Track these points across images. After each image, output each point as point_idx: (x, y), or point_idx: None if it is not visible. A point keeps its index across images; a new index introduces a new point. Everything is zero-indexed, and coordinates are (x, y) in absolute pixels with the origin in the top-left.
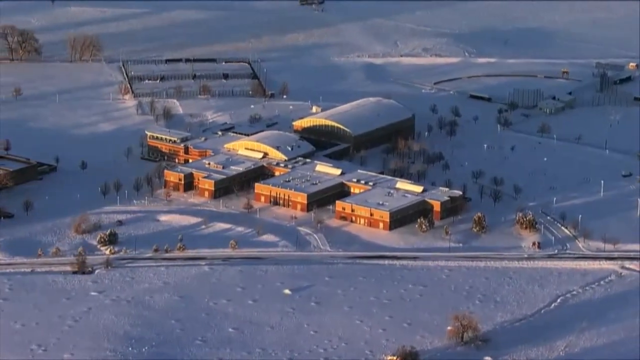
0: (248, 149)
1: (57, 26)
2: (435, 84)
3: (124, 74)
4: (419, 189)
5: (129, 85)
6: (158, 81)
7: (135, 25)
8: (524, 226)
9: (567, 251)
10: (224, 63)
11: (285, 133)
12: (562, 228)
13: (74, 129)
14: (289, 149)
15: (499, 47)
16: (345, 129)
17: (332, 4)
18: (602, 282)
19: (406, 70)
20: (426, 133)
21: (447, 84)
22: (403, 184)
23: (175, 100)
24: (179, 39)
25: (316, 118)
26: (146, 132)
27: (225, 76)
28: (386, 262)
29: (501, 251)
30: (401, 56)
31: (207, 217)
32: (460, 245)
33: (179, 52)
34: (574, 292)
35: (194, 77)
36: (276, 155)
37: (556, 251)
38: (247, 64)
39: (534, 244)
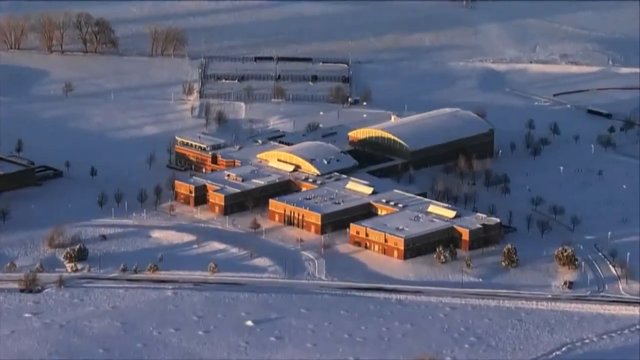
0: (280, 161)
1: (158, 17)
2: (554, 95)
3: (201, 71)
4: (451, 214)
5: (198, 84)
6: (236, 81)
7: (246, 17)
8: (562, 262)
9: (602, 293)
10: (320, 64)
11: (328, 145)
12: (610, 266)
13: (114, 131)
14: (325, 162)
15: None
16: (403, 142)
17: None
18: (625, 331)
19: (531, 79)
20: (500, 151)
21: (569, 96)
22: (435, 208)
23: (242, 103)
24: (287, 35)
25: (374, 129)
26: (176, 137)
27: (314, 78)
28: (381, 295)
29: (525, 289)
30: (530, 62)
31: (201, 235)
32: (480, 280)
33: (281, 49)
34: (587, 341)
35: (278, 77)
36: (309, 169)
37: (588, 293)
38: (346, 66)
39: (565, 283)
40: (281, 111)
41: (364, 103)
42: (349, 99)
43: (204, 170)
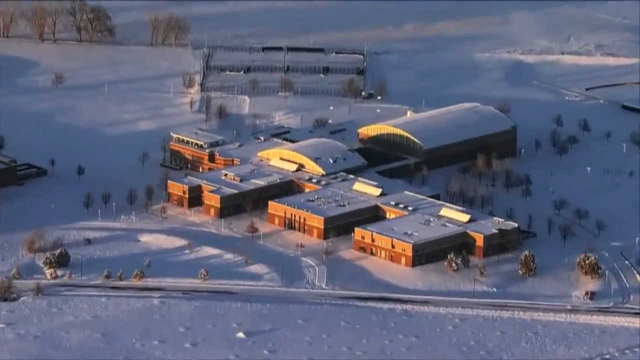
0: (283, 160)
1: (159, 4)
2: (586, 89)
3: (204, 62)
4: (465, 217)
5: (200, 76)
6: (242, 73)
7: (255, 4)
8: (584, 271)
9: (626, 305)
10: (333, 54)
11: (335, 142)
12: (637, 275)
13: (106, 127)
14: (331, 161)
15: None
16: (416, 140)
17: None
18: None
19: (562, 72)
20: (522, 150)
21: (603, 90)
22: (448, 211)
23: (246, 97)
24: (298, 23)
25: (386, 125)
26: (172, 133)
27: (326, 70)
28: (386, 305)
29: (543, 300)
30: (562, 53)
31: (193, 240)
32: (494, 290)
33: (292, 39)
34: (607, 356)
35: (287, 69)
36: (313, 168)
37: (611, 304)
38: (361, 57)
39: (586, 293)
40: (288, 105)
41: (379, 97)
42: (363, 93)
43: (200, 169)
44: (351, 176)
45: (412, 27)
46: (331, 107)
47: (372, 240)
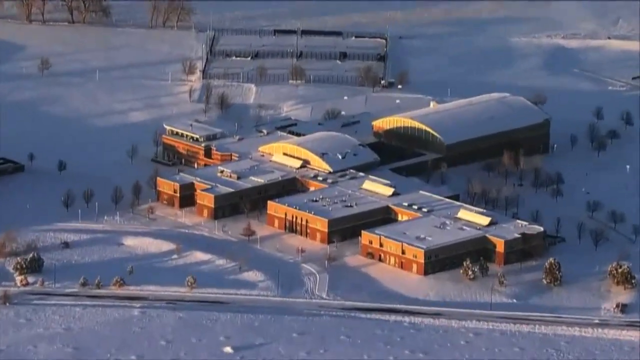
0: (286, 155)
1: None
2: (633, 79)
3: (207, 47)
4: (484, 220)
5: (202, 62)
6: (249, 59)
7: None
8: (616, 280)
9: None
10: (353, 38)
11: (345, 136)
12: None
13: (95, 118)
14: (339, 157)
15: None
16: (437, 134)
17: None
18: None
19: (608, 58)
20: (555, 146)
21: None
22: (466, 213)
23: (252, 85)
24: (314, 4)
25: (403, 118)
26: (165, 126)
27: (343, 56)
28: (392, 317)
29: (568, 312)
30: (609, 38)
31: (182, 244)
32: (514, 301)
33: (307, 20)
34: None
35: (300, 55)
36: (319, 164)
37: None
38: (383, 41)
39: (617, 305)
40: (298, 95)
41: (399, 86)
42: (382, 82)
43: (195, 165)
44: (361, 174)
45: (442, 8)
46: (345, 97)
47: (381, 245)
